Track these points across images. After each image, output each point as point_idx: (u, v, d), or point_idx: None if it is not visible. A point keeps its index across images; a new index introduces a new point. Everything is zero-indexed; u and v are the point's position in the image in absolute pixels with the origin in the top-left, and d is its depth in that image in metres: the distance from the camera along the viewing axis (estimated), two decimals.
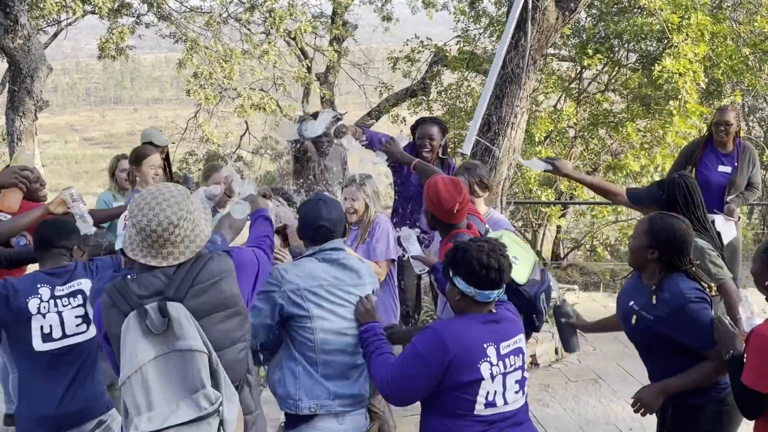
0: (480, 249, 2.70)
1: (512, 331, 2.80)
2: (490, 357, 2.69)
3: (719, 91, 11.21)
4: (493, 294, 2.73)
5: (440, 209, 3.37)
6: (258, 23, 13.44)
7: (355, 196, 4.20)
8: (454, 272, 2.75)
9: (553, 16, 6.25)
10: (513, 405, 2.77)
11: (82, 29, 19.44)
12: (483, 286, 2.70)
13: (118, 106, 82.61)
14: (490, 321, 2.75)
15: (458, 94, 13.37)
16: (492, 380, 2.69)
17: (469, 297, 2.73)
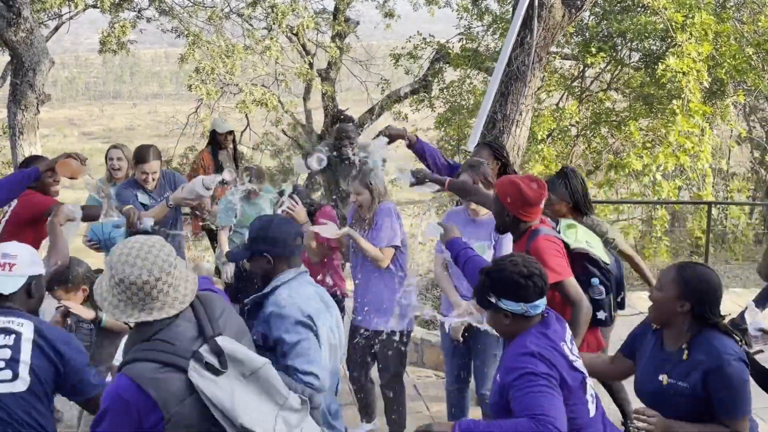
0: (514, 263, 2.63)
1: (561, 333, 2.70)
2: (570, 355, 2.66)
3: (722, 91, 11.20)
4: (542, 303, 2.64)
5: (524, 206, 3.34)
6: (260, 19, 13.40)
7: (360, 191, 4.27)
8: (497, 296, 2.62)
9: (559, 14, 6.22)
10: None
11: (82, 23, 19.38)
12: (532, 297, 2.60)
13: (117, 101, 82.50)
14: (547, 327, 2.66)
15: (460, 91, 13.35)
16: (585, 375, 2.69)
17: (519, 315, 2.62)
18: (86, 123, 69.85)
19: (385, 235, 4.25)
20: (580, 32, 11.69)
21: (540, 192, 3.35)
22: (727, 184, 13.90)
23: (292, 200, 4.44)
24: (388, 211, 4.34)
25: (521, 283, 2.58)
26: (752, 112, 17.61)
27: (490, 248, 3.98)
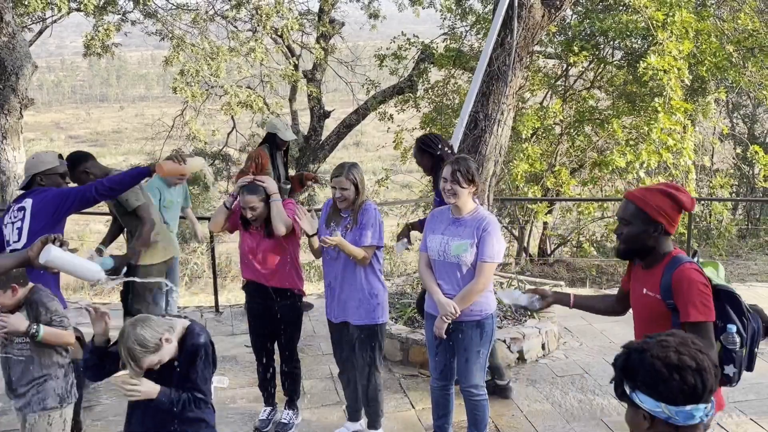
0: (665, 345, 1.83)
1: None
2: None
3: (703, 88, 11.31)
4: (698, 411, 1.80)
5: (677, 217, 2.96)
6: (245, 20, 13.41)
7: (344, 185, 4.31)
8: (632, 386, 1.86)
9: (539, 14, 6.29)
10: None
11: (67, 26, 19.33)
12: (679, 399, 1.80)
13: (103, 104, 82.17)
14: None
15: (445, 91, 13.40)
16: None
17: (662, 421, 1.83)
18: (73, 126, 69.54)
19: (373, 234, 4.34)
20: (562, 31, 11.77)
21: (689, 197, 3.01)
22: (710, 180, 14.02)
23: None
24: (374, 210, 4.42)
25: (664, 374, 1.80)
26: (735, 109, 17.79)
27: (473, 247, 4.01)
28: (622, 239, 3.04)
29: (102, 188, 4.29)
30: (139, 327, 3.13)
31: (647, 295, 3.02)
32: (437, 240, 4.13)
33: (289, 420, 4.94)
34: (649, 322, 3.02)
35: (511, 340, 6.02)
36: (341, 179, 4.31)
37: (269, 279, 4.67)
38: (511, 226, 14.22)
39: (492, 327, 4.19)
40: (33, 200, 4.25)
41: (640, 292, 3.08)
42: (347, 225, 4.38)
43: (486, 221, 4.04)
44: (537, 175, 11.54)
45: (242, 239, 4.73)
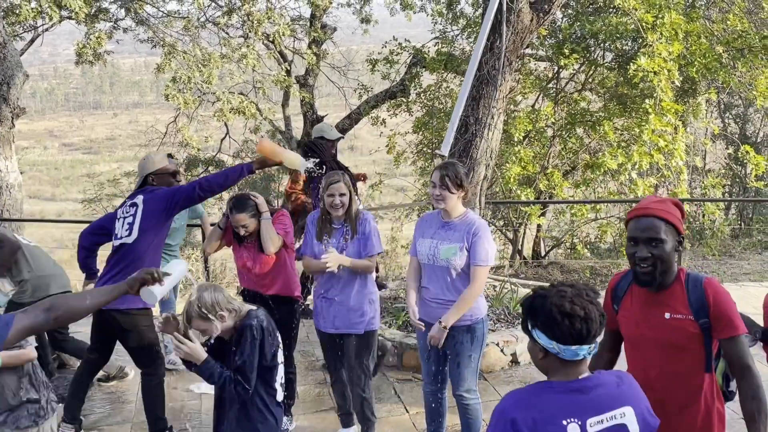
0: (562, 295, 2.23)
1: (609, 402, 2.23)
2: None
3: (694, 89, 11.36)
4: (582, 350, 2.20)
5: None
6: (236, 27, 13.43)
7: (343, 191, 4.32)
8: (533, 324, 2.26)
9: (527, 18, 6.32)
10: None
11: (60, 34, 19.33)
12: (567, 340, 2.19)
13: (97, 111, 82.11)
14: (574, 390, 2.21)
15: (437, 95, 13.43)
16: None
17: (553, 355, 2.23)
18: (66, 134, 69.50)
19: (376, 243, 4.37)
20: (553, 34, 11.81)
21: None
22: (702, 180, 14.08)
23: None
24: (372, 219, 4.45)
25: (557, 319, 2.19)
26: (727, 109, 17.87)
27: (463, 250, 4.03)
28: (658, 262, 2.73)
29: (207, 185, 4.47)
30: (208, 291, 3.30)
31: (674, 319, 2.76)
32: (426, 244, 4.15)
33: (284, 426, 4.94)
34: (677, 349, 2.78)
35: (504, 343, 6.05)
36: (340, 185, 4.31)
37: (267, 288, 4.69)
38: (505, 228, 14.26)
39: (483, 331, 4.20)
40: (144, 197, 4.52)
41: (657, 319, 2.79)
42: (345, 236, 4.38)
43: (476, 225, 4.06)
44: (530, 178, 11.57)
45: (237, 254, 4.74)
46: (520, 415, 2.14)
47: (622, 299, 2.94)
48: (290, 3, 24.45)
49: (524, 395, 2.22)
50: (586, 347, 2.21)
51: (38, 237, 27.51)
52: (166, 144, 17.05)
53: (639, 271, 2.76)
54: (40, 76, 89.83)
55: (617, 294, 2.97)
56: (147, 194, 4.52)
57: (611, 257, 12.98)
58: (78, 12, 11.16)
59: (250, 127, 16.77)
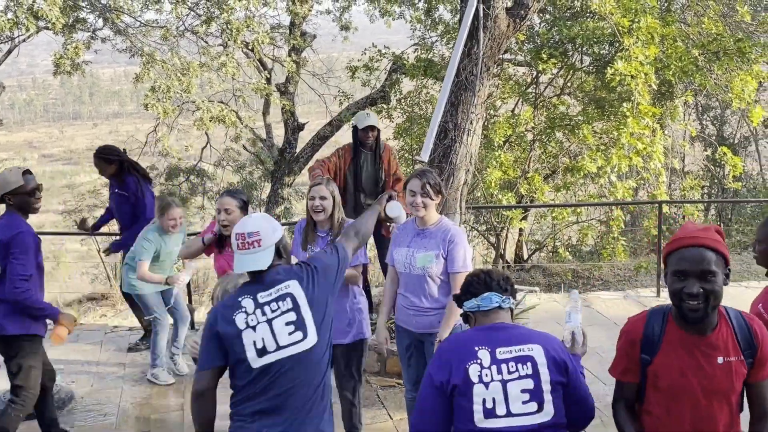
0: (475, 273, 2.89)
1: (518, 339, 2.64)
2: (481, 359, 2.59)
3: (671, 92, 11.46)
4: (493, 296, 2.75)
5: None
6: (215, 35, 13.39)
7: (324, 194, 4.26)
8: (462, 301, 2.85)
9: (504, 24, 6.35)
10: (524, 419, 2.56)
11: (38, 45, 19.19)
12: (477, 291, 2.77)
13: (77, 122, 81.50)
14: (490, 329, 2.71)
15: (417, 101, 13.45)
16: (485, 386, 2.56)
17: (478, 313, 2.78)
18: (46, 145, 68.91)
19: (360, 252, 4.30)
20: (531, 39, 11.87)
21: None
22: (681, 182, 14.21)
23: None
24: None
25: (467, 280, 2.82)
26: (704, 111, 18.05)
27: (439, 258, 4.05)
28: (711, 297, 2.52)
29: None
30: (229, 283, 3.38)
31: (727, 362, 2.58)
32: (403, 252, 4.16)
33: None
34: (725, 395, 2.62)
35: None
36: (321, 187, 4.27)
37: None
38: (487, 233, 14.30)
39: None
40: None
41: (709, 365, 2.59)
42: (328, 244, 4.35)
43: (451, 232, 4.07)
44: (511, 182, 11.62)
45: (217, 261, 4.71)
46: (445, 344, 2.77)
47: (658, 345, 2.64)
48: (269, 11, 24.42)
49: (450, 339, 2.82)
50: (496, 295, 2.75)
51: None
52: (146, 153, 16.97)
53: (687, 308, 2.51)
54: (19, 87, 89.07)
55: (650, 341, 2.65)
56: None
57: (593, 260, 13.05)
58: (55, 23, 11.08)
59: (231, 135, 16.72)
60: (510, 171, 11.21)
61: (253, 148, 18.93)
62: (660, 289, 8.22)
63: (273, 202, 16.45)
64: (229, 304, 2.96)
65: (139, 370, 6.37)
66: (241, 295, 2.96)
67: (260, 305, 2.92)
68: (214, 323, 2.93)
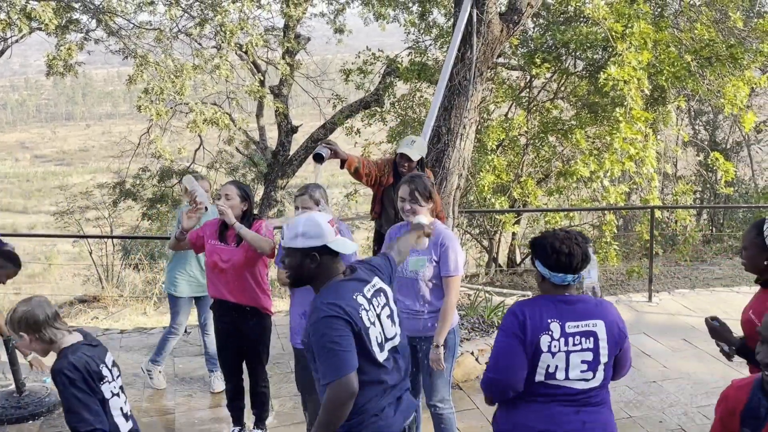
0: (555, 236, 2.99)
1: (586, 314, 2.96)
2: (552, 331, 2.90)
3: (663, 97, 11.50)
4: (567, 278, 2.97)
5: None
6: (209, 37, 13.38)
7: (308, 204, 4.28)
8: (534, 257, 3.05)
9: (497, 29, 6.37)
10: (578, 384, 2.94)
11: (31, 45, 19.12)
12: (555, 269, 2.95)
13: (69, 122, 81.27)
14: (561, 301, 2.97)
15: (411, 104, 13.47)
16: (552, 355, 2.89)
17: (547, 280, 3.00)
18: (38, 146, 68.70)
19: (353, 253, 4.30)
20: (525, 44, 11.90)
21: None
22: (673, 187, 14.25)
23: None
24: (346, 230, 4.39)
25: (548, 253, 2.96)
26: (697, 116, 18.12)
27: (431, 262, 4.05)
28: None
29: None
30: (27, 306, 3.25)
31: None
32: None
33: None
34: None
35: (479, 351, 6.07)
36: (305, 198, 4.30)
37: (235, 295, 4.64)
38: (481, 237, 14.31)
39: (455, 341, 4.22)
40: None
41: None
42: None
43: (443, 236, 4.08)
44: (504, 186, 11.63)
45: (211, 252, 4.68)
46: (519, 310, 2.95)
47: (764, 422, 2.46)
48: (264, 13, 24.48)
49: (526, 301, 3.01)
50: (570, 276, 2.96)
51: None
52: (139, 155, 16.93)
53: None
54: (11, 88, 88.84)
55: (754, 414, 2.49)
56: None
57: None
58: (48, 23, 11.06)
59: (224, 138, 16.70)
60: (503, 175, 11.23)
61: (247, 150, 18.91)
62: (651, 294, 8.24)
63: (266, 204, 16.43)
64: (348, 303, 2.92)
65: (131, 373, 6.35)
66: (352, 292, 2.97)
67: (369, 300, 3.01)
68: (349, 322, 2.87)
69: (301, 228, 2.98)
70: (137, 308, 10.77)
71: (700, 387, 5.78)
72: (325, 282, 3.01)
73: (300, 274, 3.04)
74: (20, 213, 44.54)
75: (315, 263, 2.98)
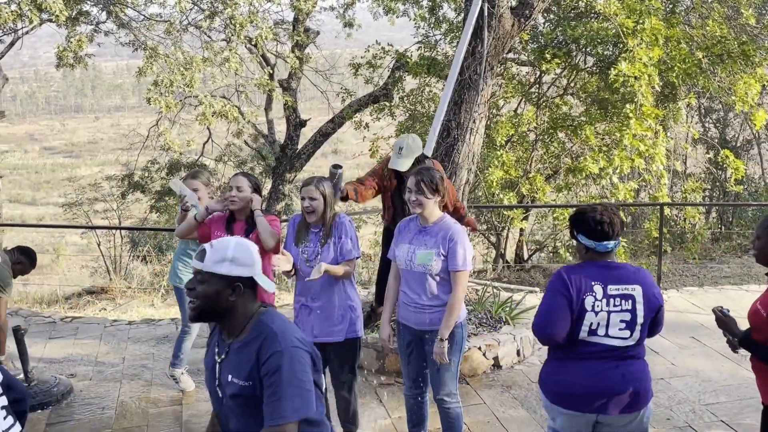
0: (594, 210, 3.36)
1: (626, 279, 3.32)
2: (595, 293, 3.28)
3: (674, 94, 11.44)
4: (609, 244, 3.34)
5: None
6: (219, 30, 13.37)
7: (314, 195, 4.28)
8: (577, 231, 3.39)
9: (508, 23, 6.35)
10: (617, 341, 3.31)
11: (41, 37, 19.18)
12: (599, 238, 3.32)
13: (78, 115, 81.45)
14: (604, 266, 3.34)
15: (420, 99, 13.44)
16: (595, 314, 3.27)
17: (591, 249, 3.35)
18: (47, 138, 68.88)
19: (353, 246, 4.33)
20: (535, 39, 11.85)
21: None
22: (683, 184, 14.19)
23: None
24: (349, 222, 4.40)
25: (592, 226, 3.31)
26: (707, 114, 18.03)
27: (439, 256, 4.04)
28: None
29: None
30: None
31: None
32: (404, 249, 4.16)
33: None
34: None
35: (486, 346, 6.06)
36: (311, 188, 4.29)
37: None
38: (488, 232, 14.28)
39: (462, 335, 4.22)
40: None
41: None
42: (320, 240, 4.34)
43: (452, 231, 4.07)
44: (512, 182, 11.60)
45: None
46: (566, 273, 3.32)
47: None
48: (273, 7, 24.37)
49: (572, 266, 3.37)
50: (612, 242, 3.34)
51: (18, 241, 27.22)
52: (148, 147, 16.96)
53: None
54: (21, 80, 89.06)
55: None
56: None
57: None
58: (58, 15, 11.07)
59: (232, 131, 16.71)
60: (512, 171, 11.19)
61: (255, 143, 18.92)
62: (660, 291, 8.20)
63: (274, 198, 16.44)
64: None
65: (139, 364, 6.37)
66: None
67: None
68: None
69: (231, 252, 2.57)
70: (145, 300, 10.80)
71: (708, 384, 5.76)
72: (237, 320, 2.62)
73: (212, 306, 2.59)
74: (29, 204, 44.70)
75: (235, 296, 2.58)
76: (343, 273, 4.30)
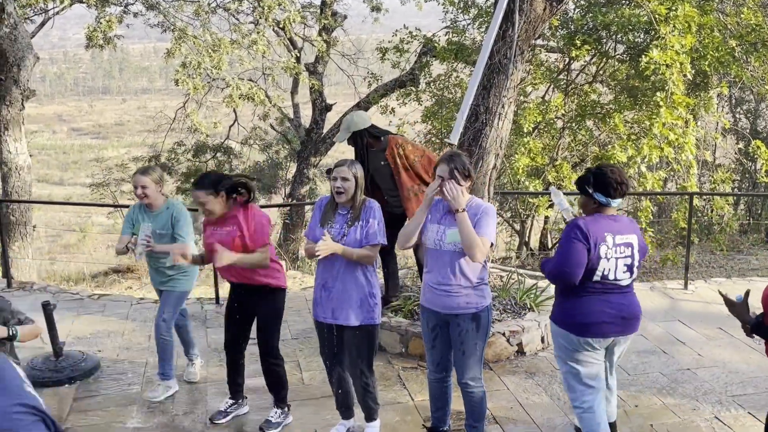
0: (612, 170, 3.95)
1: (626, 229, 3.95)
2: (608, 242, 3.87)
3: (706, 83, 11.27)
4: (616, 201, 3.95)
5: None
6: (247, 13, 13.40)
7: (347, 175, 4.23)
8: (594, 189, 3.94)
9: (540, 7, 6.27)
10: (620, 282, 3.96)
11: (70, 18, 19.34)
12: (614, 196, 3.93)
13: (106, 96, 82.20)
14: (612, 219, 3.95)
15: (447, 84, 13.38)
16: (607, 260, 3.87)
17: (602, 205, 3.95)
18: (75, 119, 69.60)
19: (378, 232, 4.26)
20: (565, 25, 11.73)
21: None
22: (711, 175, 14.00)
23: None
24: (378, 209, 4.35)
25: (614, 185, 3.91)
26: (738, 104, 17.76)
27: None
28: None
29: None
30: None
31: None
32: (434, 229, 4.13)
33: (275, 419, 4.88)
34: None
35: (510, 333, 6.04)
36: (344, 168, 4.24)
37: (233, 276, 4.66)
38: (513, 219, 14.22)
39: (488, 320, 4.20)
40: None
41: None
42: (347, 222, 4.29)
43: (483, 207, 4.07)
44: (538, 169, 11.53)
45: (209, 235, 4.66)
46: (584, 224, 3.88)
47: None
48: None
49: (589, 218, 3.93)
50: (618, 199, 3.95)
51: (45, 220, 27.54)
52: (174, 130, 17.07)
53: None
54: (50, 60, 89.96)
55: None
56: None
57: None
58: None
59: (258, 114, 16.76)
60: (538, 158, 11.12)
61: (281, 127, 18.96)
62: (687, 282, 8.12)
63: (298, 181, 16.49)
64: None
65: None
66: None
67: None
68: None
69: None
70: None
71: (734, 376, 5.69)
72: None
73: None
74: (56, 184, 45.23)
75: None
76: (357, 257, 4.22)
